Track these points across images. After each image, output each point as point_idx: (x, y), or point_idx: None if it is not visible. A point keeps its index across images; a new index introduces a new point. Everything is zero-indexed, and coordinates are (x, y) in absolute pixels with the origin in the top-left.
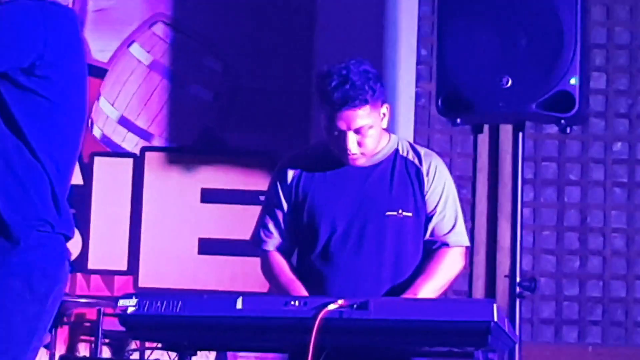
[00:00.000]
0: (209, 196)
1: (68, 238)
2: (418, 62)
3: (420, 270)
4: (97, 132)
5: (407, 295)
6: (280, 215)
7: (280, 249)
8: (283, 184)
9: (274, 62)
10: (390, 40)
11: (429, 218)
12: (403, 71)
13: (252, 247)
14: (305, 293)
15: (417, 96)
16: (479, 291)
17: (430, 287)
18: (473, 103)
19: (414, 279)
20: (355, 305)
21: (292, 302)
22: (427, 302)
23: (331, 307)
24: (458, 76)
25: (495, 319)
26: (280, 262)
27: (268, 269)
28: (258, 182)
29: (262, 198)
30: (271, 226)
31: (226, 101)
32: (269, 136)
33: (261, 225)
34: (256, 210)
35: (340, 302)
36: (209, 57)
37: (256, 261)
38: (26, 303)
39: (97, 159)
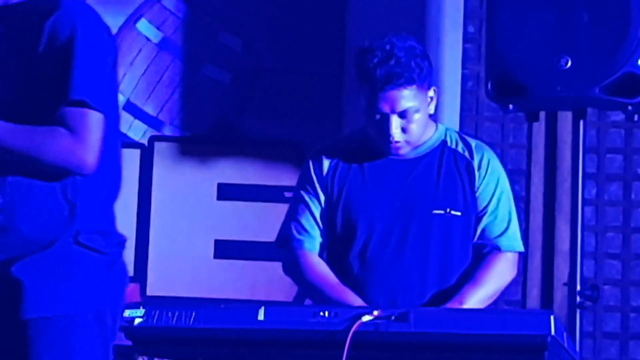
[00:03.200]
0: (227, 192)
1: None
2: (465, 40)
3: (467, 276)
4: None
5: (453, 304)
6: (315, 210)
7: (314, 248)
8: (319, 175)
9: (300, 39)
10: (432, 15)
11: (479, 218)
12: (447, 50)
13: (277, 248)
14: (359, 301)
15: (464, 79)
16: (534, 301)
17: (479, 296)
18: (527, 87)
19: (461, 286)
20: (393, 317)
21: (321, 313)
22: (474, 313)
23: (366, 318)
24: (510, 56)
25: (553, 332)
26: (321, 265)
27: (301, 272)
28: (282, 176)
29: (287, 194)
30: (305, 222)
31: (246, 84)
32: (295, 124)
33: (292, 220)
34: (280, 208)
35: (376, 312)
36: (226, 33)
37: (280, 266)
38: None
39: None
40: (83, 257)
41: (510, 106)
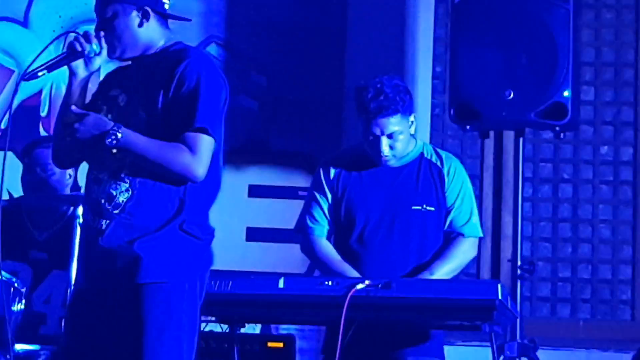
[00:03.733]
0: (255, 191)
1: None
2: (434, 78)
3: (438, 255)
4: None
5: (424, 275)
6: (324, 205)
7: (323, 234)
8: (327, 179)
9: (310, 76)
10: (409, 58)
11: (448, 212)
12: (421, 85)
13: (294, 234)
14: (355, 272)
15: (433, 107)
16: (485, 274)
17: (445, 269)
18: (480, 112)
19: (432, 262)
20: (379, 285)
21: (326, 282)
22: (442, 282)
23: (359, 286)
24: (468, 89)
25: (500, 297)
26: (328, 247)
27: (314, 253)
28: (297, 179)
29: (300, 193)
30: (317, 214)
31: (269, 110)
32: (305, 140)
33: (307, 213)
34: (295, 203)
35: (367, 282)
36: (255, 72)
37: (296, 247)
38: None
39: None
40: (184, 241)
41: (468, 127)
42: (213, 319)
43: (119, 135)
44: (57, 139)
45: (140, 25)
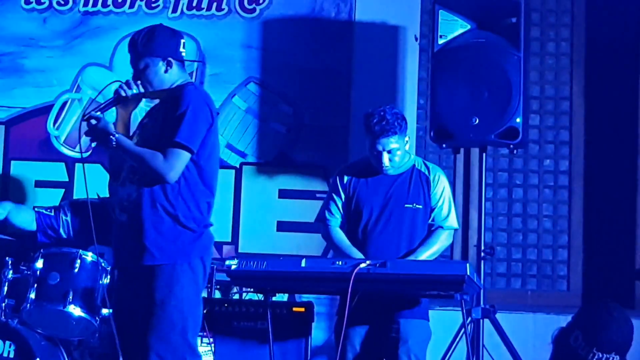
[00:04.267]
0: (284, 194)
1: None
2: (418, 108)
3: (422, 243)
4: None
5: (411, 257)
6: (339, 203)
7: (338, 224)
8: (341, 183)
9: (324, 107)
10: (400, 94)
11: (432, 209)
12: (408, 114)
13: (315, 225)
14: (360, 255)
15: (417, 130)
16: (457, 256)
17: (427, 253)
18: (453, 134)
19: (417, 248)
20: (377, 264)
21: (337, 262)
22: (424, 262)
23: (362, 265)
24: (444, 117)
25: (468, 273)
26: (342, 235)
27: (331, 239)
28: (314, 184)
29: (318, 195)
30: (333, 210)
31: (294, 133)
32: (321, 155)
33: (326, 208)
34: (314, 203)
35: (368, 262)
36: (283, 104)
37: (315, 236)
38: None
39: None
40: (180, 232)
41: (444, 145)
42: (251, 290)
43: (114, 138)
44: (109, 159)
45: (166, 72)
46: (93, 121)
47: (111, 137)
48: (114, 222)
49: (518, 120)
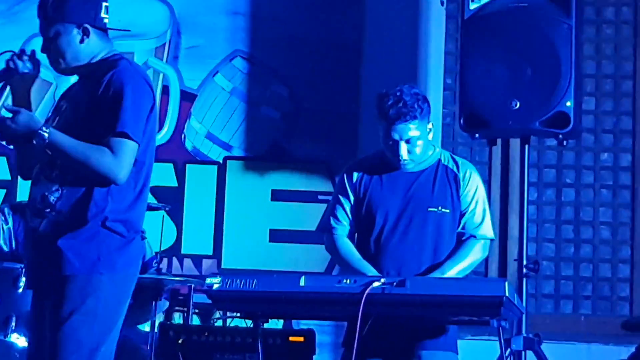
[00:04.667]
0: (278, 195)
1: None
2: (444, 89)
3: (452, 255)
4: (188, 145)
5: (436, 274)
6: (347, 207)
7: (345, 233)
8: (350, 182)
9: (328, 87)
10: (422, 71)
11: (462, 214)
12: (432, 96)
13: (317, 234)
14: (373, 271)
15: (444, 116)
16: (493, 272)
17: (456, 269)
18: (488, 121)
19: (445, 262)
20: (394, 283)
21: (344, 280)
22: (453, 280)
23: (375, 284)
24: (476, 100)
25: (507, 294)
26: (350, 246)
27: (337, 251)
28: (316, 184)
29: (320, 197)
30: (340, 215)
31: (291, 119)
32: (324, 147)
33: (331, 214)
34: (315, 207)
35: (382, 280)
36: (277, 84)
37: (316, 248)
38: None
39: (188, 167)
40: (106, 237)
41: (477, 135)
42: (238, 315)
43: (46, 135)
44: (16, 153)
45: (82, 42)
46: (6, 115)
47: (40, 132)
48: (25, 231)
49: (568, 104)
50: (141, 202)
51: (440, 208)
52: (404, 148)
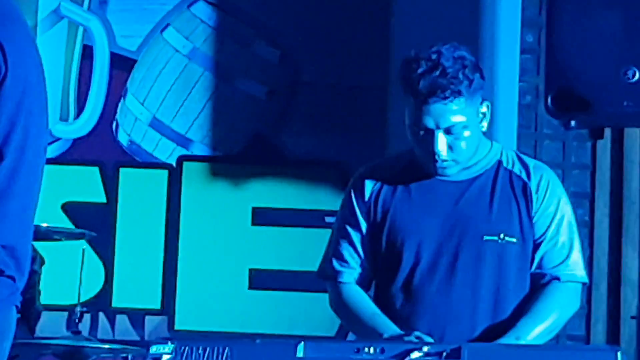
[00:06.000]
0: (262, 217)
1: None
2: (522, 51)
3: (524, 309)
4: (123, 138)
5: (508, 339)
6: (357, 239)
7: (357, 281)
8: (360, 201)
9: (341, 49)
10: (486, 24)
11: (537, 245)
12: (503, 62)
13: (318, 279)
14: (395, 328)
15: (521, 92)
16: (599, 336)
17: (538, 330)
18: (591, 101)
19: (516, 319)
20: (445, 353)
21: (366, 349)
22: (534, 349)
23: (415, 355)
24: (572, 68)
25: None
26: (361, 295)
27: (343, 306)
28: (323, 199)
29: (327, 219)
30: (346, 253)
31: (283, 99)
32: (336, 142)
33: (333, 252)
34: (321, 234)
35: (425, 348)
36: (262, 43)
37: (321, 297)
38: None
39: (123, 171)
40: None
41: (572, 122)
42: None
43: None
44: None
45: None
46: None
47: None
48: None
49: None
50: (16, 230)
51: (502, 236)
52: (441, 141)
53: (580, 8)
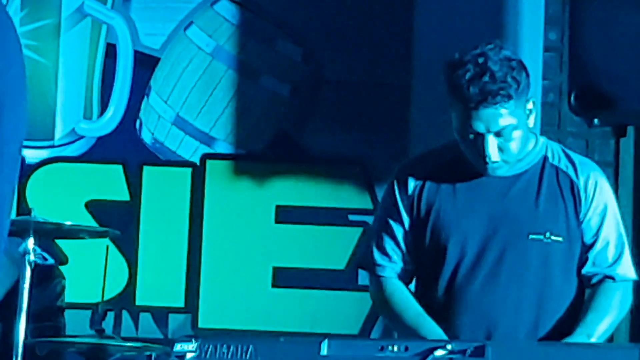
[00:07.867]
0: (286, 215)
1: None
2: (545, 49)
3: (580, 308)
4: (146, 137)
5: (581, 336)
6: (399, 233)
7: (400, 275)
8: (403, 195)
9: (364, 47)
10: (509, 21)
11: (589, 245)
12: (526, 59)
13: (348, 274)
14: (439, 332)
15: (544, 90)
16: (621, 333)
17: (603, 327)
18: (615, 99)
19: (565, 321)
20: (469, 351)
21: (390, 347)
22: (556, 346)
23: (439, 353)
24: (596, 65)
25: None
26: (405, 292)
27: (386, 299)
28: (346, 197)
29: (350, 217)
30: (388, 247)
31: (306, 96)
32: (359, 140)
33: (376, 245)
34: (344, 232)
35: (449, 347)
36: (285, 41)
37: (344, 295)
38: None
39: (146, 170)
40: None
41: (596, 120)
42: None
43: None
44: None
45: None
46: None
47: None
48: None
49: None
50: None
51: (548, 235)
52: (492, 144)
53: (604, 5)
